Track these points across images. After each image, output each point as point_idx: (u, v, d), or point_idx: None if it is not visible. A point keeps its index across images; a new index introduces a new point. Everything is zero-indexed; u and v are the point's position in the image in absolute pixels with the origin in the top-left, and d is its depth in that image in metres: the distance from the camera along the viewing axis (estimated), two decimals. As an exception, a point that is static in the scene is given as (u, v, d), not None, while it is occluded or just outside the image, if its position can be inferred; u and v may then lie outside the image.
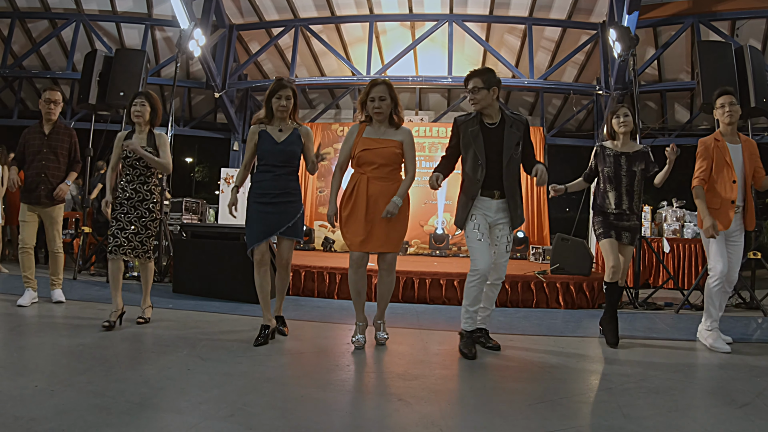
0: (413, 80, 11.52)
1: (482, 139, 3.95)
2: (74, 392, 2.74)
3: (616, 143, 4.67)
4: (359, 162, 4.07)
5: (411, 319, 5.38)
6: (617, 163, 4.57)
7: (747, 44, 6.93)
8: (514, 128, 3.98)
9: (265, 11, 11.53)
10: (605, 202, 4.59)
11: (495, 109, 4.01)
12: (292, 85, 4.21)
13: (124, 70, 7.52)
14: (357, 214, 4.00)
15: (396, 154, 4.04)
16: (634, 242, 4.62)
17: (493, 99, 3.98)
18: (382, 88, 4.09)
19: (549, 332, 4.90)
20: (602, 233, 4.58)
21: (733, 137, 4.44)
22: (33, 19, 11.68)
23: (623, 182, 4.54)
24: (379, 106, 4.04)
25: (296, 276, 6.54)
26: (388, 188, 4.01)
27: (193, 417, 2.49)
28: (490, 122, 4.00)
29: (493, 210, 3.98)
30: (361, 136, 4.10)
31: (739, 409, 2.85)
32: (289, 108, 4.20)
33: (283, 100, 4.15)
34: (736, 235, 4.42)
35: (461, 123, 4.04)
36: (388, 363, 3.66)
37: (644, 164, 4.58)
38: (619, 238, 4.54)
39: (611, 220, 4.56)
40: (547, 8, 10.79)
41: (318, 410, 2.69)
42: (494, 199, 3.97)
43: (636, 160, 4.57)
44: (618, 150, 4.62)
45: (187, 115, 13.60)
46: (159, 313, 5.02)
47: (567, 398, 3.03)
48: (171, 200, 8.98)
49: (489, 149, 3.94)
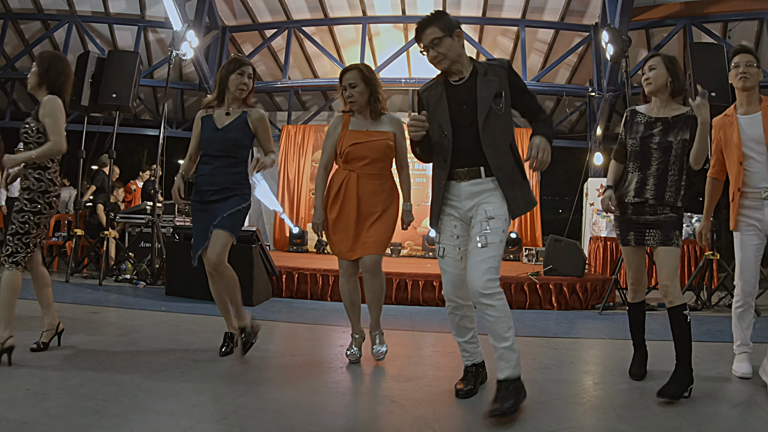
0: (406, 82, 11.51)
1: (446, 102, 2.94)
2: (66, 395, 2.72)
3: (652, 107, 3.35)
4: (348, 158, 3.56)
5: (404, 320, 5.38)
6: (648, 131, 3.28)
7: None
8: (490, 75, 2.89)
9: (258, 13, 11.52)
10: (625, 188, 3.36)
11: (464, 61, 2.97)
12: (252, 64, 3.72)
13: (117, 71, 7.48)
14: (346, 217, 3.54)
15: (389, 146, 3.56)
16: (670, 241, 3.20)
17: (461, 47, 2.98)
18: (352, 74, 3.55)
19: (542, 333, 4.90)
20: (618, 236, 3.48)
21: (749, 107, 3.48)
22: (25, 21, 11.61)
23: (653, 159, 3.24)
24: (350, 94, 3.53)
25: (289, 278, 6.53)
26: (381, 187, 3.58)
27: (186, 420, 2.48)
28: (457, 79, 2.96)
29: (463, 196, 2.93)
30: (347, 129, 3.59)
31: (732, 409, 2.87)
32: (249, 87, 3.66)
33: (245, 77, 3.60)
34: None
35: (423, 91, 3.09)
36: (382, 365, 3.66)
37: (688, 133, 3.20)
38: (641, 240, 3.31)
39: (629, 215, 3.33)
40: (540, 10, 10.81)
41: (311, 413, 2.68)
42: (461, 181, 2.92)
43: (675, 127, 3.22)
44: (653, 115, 3.31)
45: (180, 117, 13.56)
46: (151, 315, 5.01)
47: (560, 399, 3.03)
48: (164, 203, 8.94)
49: (456, 113, 2.92)
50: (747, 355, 3.57)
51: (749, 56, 3.43)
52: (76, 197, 7.79)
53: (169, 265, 6.58)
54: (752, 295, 3.51)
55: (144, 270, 7.23)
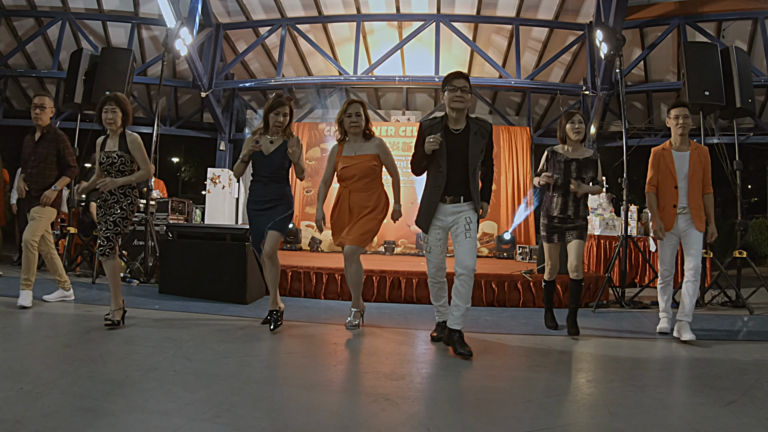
0: (400, 80, 11.51)
1: (445, 147, 3.99)
2: (60, 394, 2.71)
3: (567, 148, 4.82)
4: (341, 178, 4.65)
5: (398, 318, 5.38)
6: (567, 170, 4.72)
7: (733, 45, 7.00)
8: (479, 135, 4.04)
9: (252, 10, 11.49)
10: (551, 206, 4.80)
11: (464, 115, 4.08)
12: (290, 102, 4.65)
13: (110, 69, 7.45)
14: (342, 219, 4.65)
15: (371, 166, 4.57)
16: (583, 236, 4.73)
17: (468, 106, 4.08)
18: (358, 105, 4.61)
19: (536, 331, 4.91)
20: (544, 236, 4.89)
21: (682, 146, 4.80)
22: (19, 17, 11.55)
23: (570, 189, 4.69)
24: (355, 120, 4.56)
25: (283, 276, 6.51)
26: (368, 197, 4.59)
27: (179, 418, 2.48)
28: (455, 128, 4.05)
29: (447, 213, 4.06)
30: (340, 156, 4.65)
31: (725, 407, 2.88)
32: (284, 124, 4.62)
33: (280, 116, 4.58)
34: (688, 232, 4.70)
35: (426, 127, 4.10)
36: (375, 363, 3.66)
37: (592, 171, 4.73)
38: (562, 238, 4.78)
39: (555, 224, 4.79)
40: (534, 9, 10.83)
41: (305, 411, 2.68)
42: (446, 204, 4.06)
43: (586, 167, 4.72)
44: (569, 156, 4.76)
45: (173, 115, 13.51)
46: (145, 313, 5.00)
47: (554, 396, 3.04)
48: (157, 200, 8.92)
49: (452, 157, 4.00)
50: (668, 318, 4.94)
51: (685, 109, 4.78)
52: (70, 195, 7.76)
53: (162, 263, 6.56)
54: (671, 275, 4.93)
55: (137, 268, 7.21)
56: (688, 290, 4.57)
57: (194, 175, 30.12)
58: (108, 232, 4.45)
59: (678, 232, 4.75)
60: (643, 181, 4.89)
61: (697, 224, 4.66)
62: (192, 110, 13.68)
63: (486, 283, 6.34)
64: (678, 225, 4.72)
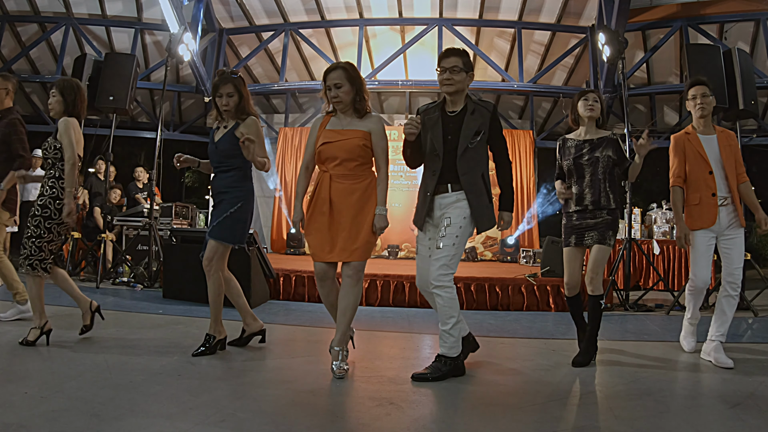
0: (403, 84, 11.54)
1: (441, 128, 3.50)
2: (64, 398, 2.72)
3: (579, 132, 4.10)
4: (321, 158, 3.58)
5: (402, 322, 5.38)
6: (578, 151, 3.98)
7: (735, 47, 6.98)
8: (476, 114, 3.48)
9: (255, 15, 11.51)
10: (569, 202, 4.04)
11: (462, 96, 3.55)
12: (233, 79, 3.82)
13: (114, 74, 7.48)
14: (319, 219, 3.55)
15: (361, 146, 3.52)
16: (605, 241, 3.85)
17: (466, 86, 3.54)
18: (337, 73, 3.53)
19: (540, 335, 4.91)
20: (563, 240, 4.10)
21: (707, 129, 4.12)
22: (22, 23, 11.56)
23: (585, 172, 3.93)
24: (335, 94, 3.52)
25: (287, 281, 6.53)
26: (354, 187, 3.51)
27: (183, 422, 2.48)
28: (452, 110, 3.55)
29: (438, 207, 3.55)
30: (324, 129, 3.61)
31: (730, 410, 2.87)
32: (231, 106, 3.81)
33: (224, 98, 3.81)
34: (732, 230, 3.97)
35: (423, 111, 3.64)
36: (380, 367, 3.66)
37: (611, 150, 3.92)
38: (581, 241, 3.93)
39: (573, 222, 3.98)
40: (537, 12, 10.83)
41: (309, 415, 2.68)
42: (441, 194, 3.52)
43: (600, 146, 3.94)
44: (581, 138, 4.04)
45: (177, 120, 13.52)
46: (149, 318, 5.00)
47: (558, 400, 3.03)
48: (161, 205, 8.93)
49: (446, 140, 3.48)
50: (694, 327, 4.30)
51: (704, 87, 4.13)
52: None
53: (166, 267, 6.57)
54: (706, 286, 4.12)
55: (141, 273, 7.23)
56: (726, 307, 3.92)
57: (197, 180, 30.14)
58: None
59: (720, 229, 3.97)
60: (646, 184, 4.78)
61: (741, 220, 3.97)
62: (195, 115, 13.68)
63: (490, 287, 6.34)
64: (720, 220, 3.95)
